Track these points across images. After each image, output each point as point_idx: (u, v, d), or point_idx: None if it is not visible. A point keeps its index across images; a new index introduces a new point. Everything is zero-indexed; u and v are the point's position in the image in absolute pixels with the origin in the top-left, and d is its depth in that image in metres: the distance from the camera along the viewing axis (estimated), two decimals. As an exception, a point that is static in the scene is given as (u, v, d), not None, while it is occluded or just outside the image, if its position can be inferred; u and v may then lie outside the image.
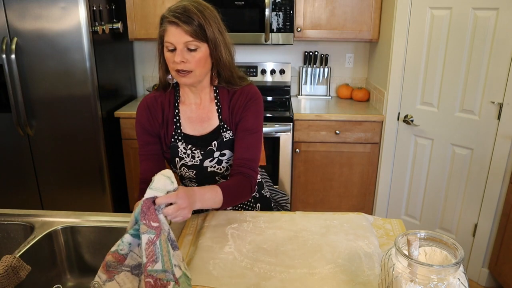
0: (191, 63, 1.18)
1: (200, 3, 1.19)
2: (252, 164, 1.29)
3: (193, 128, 1.34)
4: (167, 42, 1.17)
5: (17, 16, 2.35)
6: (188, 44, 1.16)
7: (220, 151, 1.33)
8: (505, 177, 2.16)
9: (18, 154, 2.62)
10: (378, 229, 1.30)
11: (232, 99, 1.32)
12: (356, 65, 3.23)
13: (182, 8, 1.14)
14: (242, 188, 1.26)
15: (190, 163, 1.34)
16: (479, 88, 2.18)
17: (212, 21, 1.17)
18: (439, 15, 2.27)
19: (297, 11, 2.79)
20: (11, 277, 1.03)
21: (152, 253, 0.86)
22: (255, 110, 1.32)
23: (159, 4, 2.81)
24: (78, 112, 2.54)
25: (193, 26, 1.14)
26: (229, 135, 1.33)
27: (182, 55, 1.16)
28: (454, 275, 0.77)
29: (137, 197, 1.36)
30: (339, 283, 1.00)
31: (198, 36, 1.15)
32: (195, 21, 1.14)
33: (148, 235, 0.86)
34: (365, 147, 2.75)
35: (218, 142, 1.32)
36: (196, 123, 1.34)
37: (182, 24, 1.13)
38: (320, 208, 2.89)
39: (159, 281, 0.85)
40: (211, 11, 1.20)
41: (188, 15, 1.13)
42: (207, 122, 1.33)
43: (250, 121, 1.30)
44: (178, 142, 1.33)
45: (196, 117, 1.33)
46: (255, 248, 1.14)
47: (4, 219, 1.32)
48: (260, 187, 1.53)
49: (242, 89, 1.32)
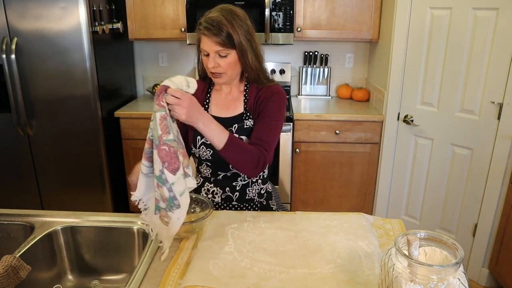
0: (223, 67, 1.34)
1: (232, 12, 1.31)
2: (267, 145, 1.35)
3: (219, 111, 1.46)
4: (202, 49, 1.33)
5: (17, 16, 2.35)
6: (218, 52, 1.31)
7: (239, 135, 1.41)
8: (505, 177, 2.16)
9: (18, 154, 2.62)
10: (378, 229, 1.30)
11: (259, 92, 1.44)
12: (356, 65, 3.23)
13: (214, 20, 1.28)
14: (251, 153, 1.30)
15: (209, 142, 1.34)
16: (479, 88, 2.18)
17: (240, 30, 1.30)
18: (439, 15, 2.27)
19: (297, 11, 2.79)
20: (11, 277, 1.03)
21: (165, 126, 1.07)
22: (279, 102, 1.42)
23: (159, 4, 2.81)
24: (78, 112, 2.54)
25: (221, 36, 1.28)
26: (250, 123, 1.42)
27: (214, 61, 1.32)
28: (454, 275, 0.78)
29: None
30: (339, 283, 1.00)
31: (226, 45, 1.29)
32: (224, 32, 1.28)
33: (160, 112, 1.07)
34: (365, 147, 2.75)
35: (238, 126, 1.41)
36: (222, 108, 1.46)
37: (212, 36, 1.28)
38: (320, 208, 2.89)
39: (172, 149, 1.07)
40: (241, 20, 1.31)
41: (219, 27, 1.27)
42: (233, 107, 1.46)
43: (272, 110, 1.40)
44: None
45: (223, 103, 1.47)
46: (255, 248, 1.14)
47: (4, 219, 1.32)
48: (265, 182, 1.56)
49: (269, 86, 1.45)
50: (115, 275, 1.33)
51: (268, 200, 1.55)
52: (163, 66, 3.30)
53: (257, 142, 1.35)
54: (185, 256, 1.14)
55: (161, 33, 2.88)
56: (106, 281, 1.32)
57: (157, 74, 3.31)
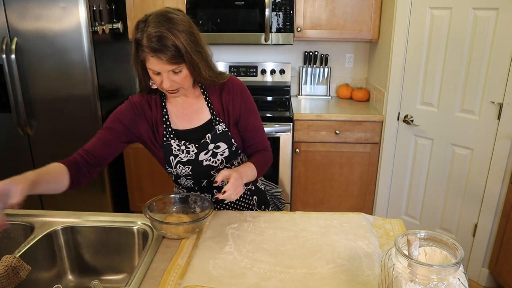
0: (179, 83, 1.22)
1: (172, 21, 1.16)
2: (266, 145, 1.46)
3: (183, 124, 1.36)
4: (150, 69, 1.19)
5: (17, 16, 2.35)
6: (171, 71, 1.18)
7: (215, 143, 1.35)
8: (505, 177, 2.16)
9: (18, 154, 2.62)
10: (378, 229, 1.30)
11: (222, 94, 1.37)
12: (356, 65, 3.23)
13: (158, 37, 1.13)
14: (266, 159, 1.43)
15: (185, 159, 1.35)
16: (479, 88, 2.18)
17: (185, 42, 1.15)
18: (439, 15, 2.27)
19: (297, 11, 2.79)
20: (11, 277, 1.03)
21: None
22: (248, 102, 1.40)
23: (159, 4, 2.81)
24: (78, 112, 2.53)
25: (170, 52, 1.14)
26: (222, 127, 1.36)
27: (169, 80, 1.20)
28: (454, 275, 0.78)
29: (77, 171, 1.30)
30: (339, 283, 1.00)
31: (177, 61, 1.16)
32: (171, 47, 1.14)
33: None
34: (365, 147, 2.75)
35: (212, 135, 1.35)
36: (185, 119, 1.36)
37: (161, 55, 1.14)
38: (320, 208, 2.89)
39: None
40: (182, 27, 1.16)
41: (165, 44, 1.13)
42: (196, 117, 1.36)
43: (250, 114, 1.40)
44: (171, 140, 1.34)
45: (184, 114, 1.37)
46: (255, 248, 1.14)
47: (4, 219, 1.32)
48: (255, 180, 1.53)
49: (228, 85, 1.37)
50: (115, 275, 1.33)
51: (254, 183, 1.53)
52: (163, 66, 3.30)
53: (259, 148, 1.43)
54: (185, 256, 1.14)
55: (161, 33, 2.87)
56: (106, 281, 1.32)
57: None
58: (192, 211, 1.33)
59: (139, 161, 2.83)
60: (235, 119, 1.38)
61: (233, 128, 1.38)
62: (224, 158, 1.38)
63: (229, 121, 1.37)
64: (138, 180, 2.88)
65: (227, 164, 1.40)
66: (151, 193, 2.57)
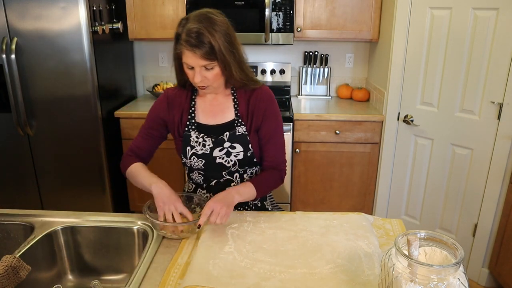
0: (209, 79, 1.30)
1: (211, 21, 1.25)
2: (281, 163, 1.45)
3: (207, 119, 1.43)
4: (185, 63, 1.28)
5: (17, 16, 2.35)
6: (205, 66, 1.26)
7: (231, 142, 1.39)
8: (505, 177, 2.16)
9: (18, 154, 2.62)
10: (378, 229, 1.30)
11: (250, 99, 1.42)
12: (356, 65, 3.23)
13: (196, 33, 1.22)
14: (272, 179, 1.43)
15: (200, 152, 1.39)
16: (479, 88, 2.18)
17: (221, 42, 1.24)
18: (439, 15, 2.27)
19: (297, 11, 2.79)
20: (11, 277, 1.03)
21: None
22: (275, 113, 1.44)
23: (159, 4, 2.81)
24: (78, 112, 2.54)
25: (205, 49, 1.23)
26: (242, 130, 1.40)
27: (200, 75, 1.28)
28: (454, 275, 0.78)
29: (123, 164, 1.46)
30: (339, 283, 1.00)
31: (211, 57, 1.25)
32: (207, 44, 1.22)
33: None
34: (365, 147, 2.75)
35: (230, 134, 1.39)
36: (210, 115, 1.43)
37: (197, 50, 1.23)
38: (320, 208, 2.89)
39: None
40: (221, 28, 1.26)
41: (201, 40, 1.22)
42: (221, 114, 1.42)
43: (273, 125, 1.43)
44: (191, 131, 1.41)
45: (211, 109, 1.43)
46: (255, 248, 1.14)
47: (4, 219, 1.32)
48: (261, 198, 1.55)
49: (259, 90, 1.42)
50: (115, 275, 1.33)
51: (262, 201, 1.54)
52: (163, 66, 3.30)
53: (273, 165, 1.43)
54: (185, 256, 1.14)
55: (161, 33, 2.88)
56: (106, 281, 1.32)
57: (157, 74, 3.31)
58: (192, 212, 1.33)
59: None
60: (257, 125, 1.41)
61: (253, 133, 1.41)
62: (237, 160, 1.40)
63: (250, 126, 1.41)
64: (138, 180, 2.88)
65: (240, 168, 1.43)
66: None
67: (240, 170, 1.43)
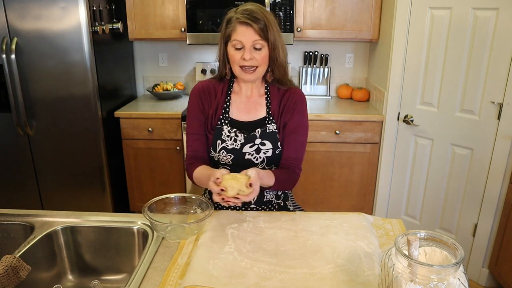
0: (257, 60, 1.32)
1: (263, 8, 1.34)
2: (298, 162, 1.47)
3: (240, 115, 1.45)
4: (235, 40, 1.30)
5: (17, 16, 2.35)
6: (255, 43, 1.30)
7: (262, 139, 1.41)
8: (505, 177, 2.16)
9: (18, 154, 2.62)
10: (378, 229, 1.30)
11: (283, 98, 1.44)
12: (356, 65, 3.23)
13: (250, 11, 1.29)
14: (290, 179, 1.44)
15: (230, 147, 1.40)
16: (479, 88, 2.18)
17: (273, 24, 1.31)
18: (439, 15, 2.27)
19: (297, 11, 2.79)
20: (11, 277, 1.03)
21: None
22: (303, 113, 1.46)
23: (159, 4, 2.81)
24: (78, 112, 2.54)
25: (260, 25, 1.28)
26: (272, 127, 1.42)
27: (250, 53, 1.30)
28: (454, 275, 0.78)
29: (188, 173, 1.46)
30: (339, 283, 1.00)
31: (263, 36, 1.29)
32: (262, 22, 1.28)
33: None
34: (365, 147, 2.75)
35: (261, 130, 1.41)
36: (243, 112, 1.45)
37: (252, 23, 1.27)
38: (320, 208, 2.89)
39: None
40: (271, 16, 1.33)
41: (256, 17, 1.28)
42: (254, 111, 1.45)
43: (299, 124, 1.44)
44: (224, 125, 1.42)
45: (244, 107, 1.45)
46: (255, 248, 1.14)
47: (4, 219, 1.32)
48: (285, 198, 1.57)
49: (292, 90, 1.45)
50: (115, 275, 1.33)
51: (285, 201, 1.55)
52: (163, 66, 3.30)
53: (290, 163, 1.44)
54: (185, 256, 1.14)
55: (161, 33, 2.88)
56: (106, 281, 1.32)
57: (157, 74, 3.31)
58: (192, 212, 1.33)
59: (139, 161, 2.83)
60: (285, 122, 1.44)
61: (282, 131, 1.43)
62: (266, 157, 1.41)
63: (280, 123, 1.43)
64: (138, 180, 2.88)
65: (267, 165, 1.43)
66: (151, 193, 2.57)
67: (266, 168, 1.44)
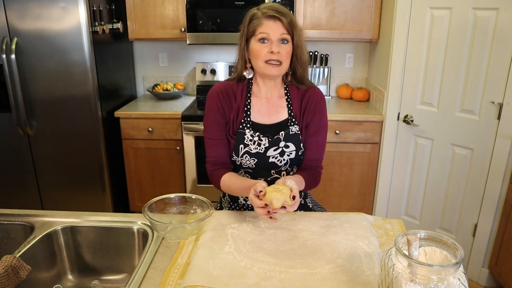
0: (283, 55, 1.31)
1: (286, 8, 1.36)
2: (319, 162, 1.46)
3: (262, 118, 1.43)
4: (262, 33, 1.30)
5: (17, 16, 2.35)
6: (282, 36, 1.30)
7: (286, 142, 1.40)
8: (505, 177, 2.16)
9: (18, 154, 2.62)
10: (378, 229, 1.30)
11: (304, 98, 1.43)
12: (356, 65, 3.23)
13: (277, 6, 1.32)
14: (314, 180, 1.44)
15: (254, 151, 1.39)
16: (479, 88, 2.18)
17: (296, 23, 1.34)
18: (439, 15, 2.27)
19: (297, 11, 2.79)
20: (11, 277, 1.03)
21: None
22: (324, 113, 1.45)
23: (159, 4, 2.81)
24: (78, 112, 2.54)
25: (287, 20, 1.30)
26: (295, 129, 1.41)
27: (277, 46, 1.30)
28: (454, 275, 0.78)
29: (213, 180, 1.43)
30: (339, 283, 1.00)
31: (289, 31, 1.31)
32: (288, 17, 1.30)
33: None
34: (365, 147, 2.75)
35: (285, 133, 1.40)
36: (265, 114, 1.43)
37: (280, 17, 1.29)
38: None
39: None
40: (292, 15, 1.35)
41: (283, 12, 1.30)
42: (275, 114, 1.43)
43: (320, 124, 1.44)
44: (246, 129, 1.40)
45: (265, 109, 1.43)
46: (255, 248, 1.14)
47: (4, 219, 1.32)
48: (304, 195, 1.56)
49: (312, 89, 1.44)
50: (115, 275, 1.33)
51: (304, 199, 1.55)
52: (163, 66, 3.30)
53: (312, 163, 1.43)
54: (185, 256, 1.14)
55: (161, 33, 2.88)
56: (106, 281, 1.32)
57: (157, 74, 3.31)
58: (192, 212, 1.33)
59: (139, 161, 2.83)
60: (307, 123, 1.43)
61: (304, 132, 1.43)
62: (289, 159, 1.41)
63: (302, 125, 1.42)
64: (138, 180, 2.88)
65: (290, 167, 1.43)
66: (151, 193, 2.57)
67: (289, 169, 1.44)
